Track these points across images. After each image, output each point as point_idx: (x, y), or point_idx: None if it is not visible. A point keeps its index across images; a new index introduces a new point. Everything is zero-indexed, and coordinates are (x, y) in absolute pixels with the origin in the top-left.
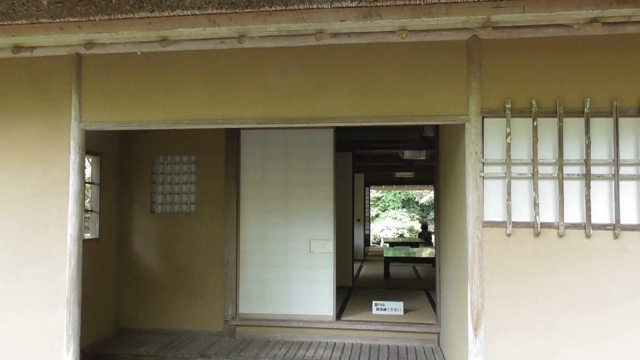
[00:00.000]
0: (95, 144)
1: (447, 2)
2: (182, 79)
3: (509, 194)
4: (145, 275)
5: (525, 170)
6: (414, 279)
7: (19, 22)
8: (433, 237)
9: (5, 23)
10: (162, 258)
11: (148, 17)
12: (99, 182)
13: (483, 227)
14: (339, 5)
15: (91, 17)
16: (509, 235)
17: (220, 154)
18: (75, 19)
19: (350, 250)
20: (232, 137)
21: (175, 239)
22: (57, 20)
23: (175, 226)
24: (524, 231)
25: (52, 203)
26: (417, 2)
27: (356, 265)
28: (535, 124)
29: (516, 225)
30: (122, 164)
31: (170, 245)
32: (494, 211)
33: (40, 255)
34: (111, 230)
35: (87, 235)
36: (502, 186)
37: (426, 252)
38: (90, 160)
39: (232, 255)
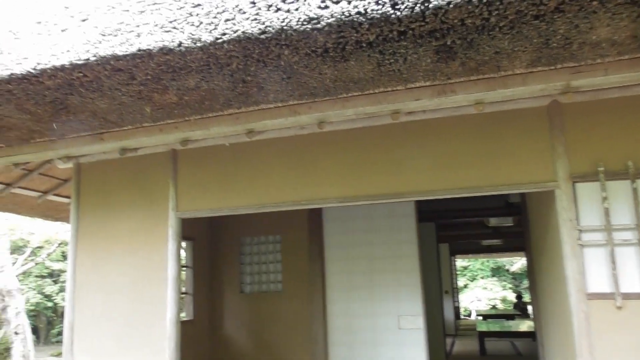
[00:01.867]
0: (188, 230)
1: (522, 73)
2: (266, 164)
3: (613, 262)
4: (237, 355)
5: (629, 236)
6: (514, 356)
7: (126, 128)
8: (530, 307)
9: (115, 130)
10: (252, 337)
11: (236, 113)
12: (192, 265)
13: (588, 299)
14: (413, 86)
15: (186, 118)
16: (619, 308)
17: (304, 231)
18: (172, 121)
19: (441, 325)
20: (315, 214)
21: (264, 317)
22: (158, 123)
23: (263, 305)
24: (637, 303)
25: (152, 289)
26: (491, 75)
27: (448, 341)
28: (634, 186)
29: (626, 296)
30: (212, 246)
31: (260, 324)
32: (598, 281)
33: (142, 339)
34: (204, 310)
35: (182, 317)
36: (604, 254)
37: (524, 326)
38: (184, 245)
39: (320, 333)
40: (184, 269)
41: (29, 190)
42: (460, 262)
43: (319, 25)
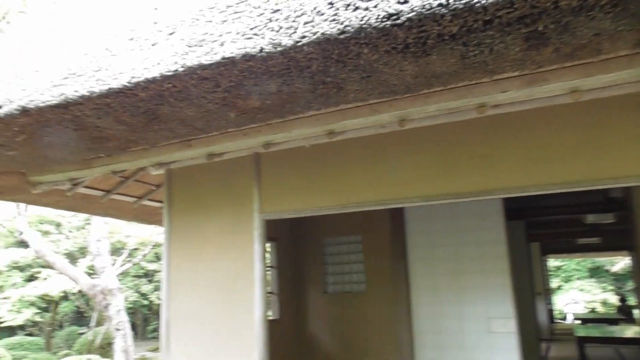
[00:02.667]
0: (272, 231)
1: (628, 55)
2: (347, 164)
3: None
4: (322, 355)
5: None
6: None
7: (212, 134)
8: (636, 311)
9: (202, 136)
10: (336, 337)
11: (316, 115)
12: (276, 266)
13: None
14: (500, 77)
15: (268, 122)
16: None
17: (385, 231)
18: (255, 125)
19: (534, 329)
20: (396, 214)
21: (348, 318)
22: (241, 128)
23: (347, 305)
24: None
25: (240, 288)
26: (589, 60)
27: (542, 346)
28: None
29: None
30: (295, 247)
31: (344, 324)
32: None
33: (233, 337)
34: (289, 310)
35: (269, 316)
36: None
37: (630, 331)
38: (268, 246)
39: (406, 335)
40: (269, 269)
41: (126, 196)
42: (552, 262)
43: (398, 21)
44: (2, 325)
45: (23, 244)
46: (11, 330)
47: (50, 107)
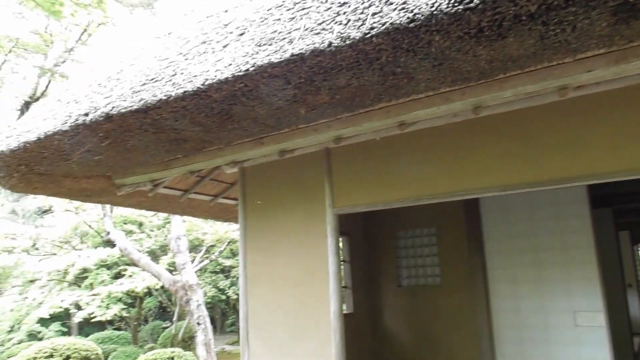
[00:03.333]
0: (344, 225)
1: None
2: (419, 156)
3: None
4: (397, 349)
5: None
6: None
7: (283, 131)
8: None
9: (274, 134)
10: (412, 331)
11: (386, 107)
12: (349, 260)
13: None
14: (584, 56)
15: (338, 116)
16: None
17: (460, 223)
18: (325, 120)
19: (626, 323)
20: (471, 205)
21: (424, 311)
22: (312, 124)
23: (422, 299)
24: None
25: (314, 282)
26: None
27: (635, 340)
28: None
29: None
30: (367, 240)
31: (419, 318)
32: None
33: (309, 330)
34: (363, 304)
35: (343, 310)
36: None
37: None
38: (341, 240)
39: (484, 329)
40: (342, 263)
41: (202, 195)
42: None
43: (471, 5)
44: (93, 320)
45: (109, 244)
46: (101, 325)
47: (131, 113)
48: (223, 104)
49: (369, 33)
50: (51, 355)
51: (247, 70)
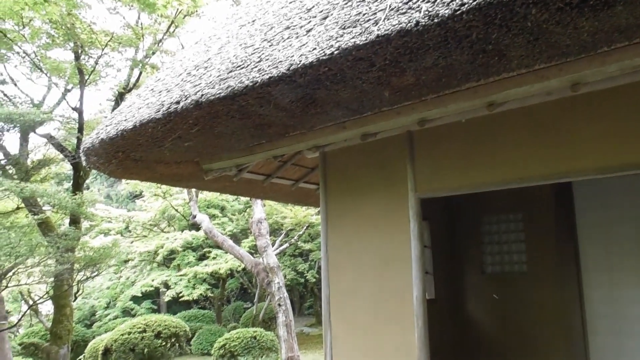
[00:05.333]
0: (425, 210)
1: None
2: (507, 138)
3: None
4: (480, 337)
5: None
6: None
7: (366, 114)
8: None
9: (356, 117)
10: (496, 319)
11: (474, 87)
12: (430, 245)
13: None
14: None
15: (423, 98)
16: None
17: (549, 208)
18: (409, 102)
19: None
20: (562, 189)
21: (508, 299)
22: (395, 106)
23: (507, 287)
24: None
25: (396, 267)
26: None
27: None
28: None
29: None
30: (449, 225)
31: (504, 306)
32: None
33: (391, 315)
34: (445, 290)
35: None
36: None
37: None
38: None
39: (575, 319)
40: (424, 249)
41: (284, 179)
42: None
43: None
44: (181, 299)
45: (194, 227)
46: (187, 304)
47: (219, 99)
48: (307, 88)
49: (459, 10)
50: (144, 331)
51: (332, 54)
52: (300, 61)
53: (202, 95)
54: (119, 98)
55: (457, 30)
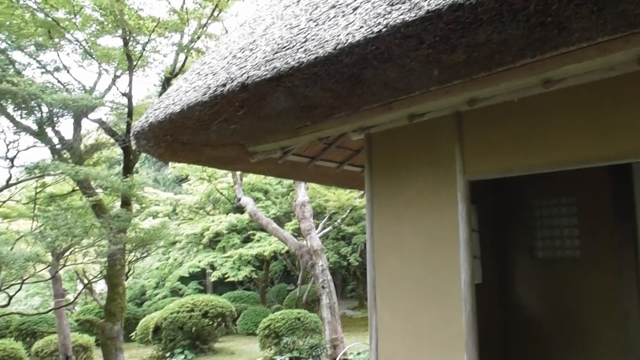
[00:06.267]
0: (473, 192)
1: None
2: (563, 117)
3: None
4: (530, 323)
5: None
6: None
7: (413, 94)
8: None
9: (403, 98)
10: (545, 306)
11: (529, 63)
12: (478, 229)
13: None
14: None
15: (474, 77)
16: None
17: (605, 192)
18: (459, 81)
19: None
20: (619, 171)
21: (560, 286)
22: (444, 85)
23: (558, 272)
24: None
25: (443, 251)
26: None
27: None
28: None
29: None
30: (498, 209)
31: (555, 292)
32: None
33: (438, 298)
34: (492, 275)
35: None
36: None
37: None
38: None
39: (634, 308)
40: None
41: (328, 162)
42: None
43: None
44: (226, 280)
45: (239, 210)
46: (232, 285)
47: (265, 81)
48: (353, 68)
49: None
50: (192, 310)
51: (379, 31)
52: (347, 40)
53: (248, 77)
54: (166, 83)
55: (513, 3)
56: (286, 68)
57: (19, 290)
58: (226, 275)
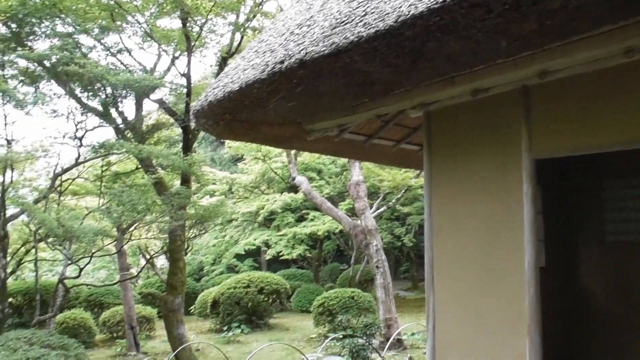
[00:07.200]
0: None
1: None
2: None
3: None
4: (598, 310)
5: None
6: None
7: (477, 68)
8: None
9: (467, 72)
10: (615, 293)
11: (610, 30)
12: (542, 210)
13: None
14: None
15: (545, 47)
16: None
17: None
18: (529, 53)
19: None
20: None
21: (629, 271)
22: (511, 58)
23: (631, 257)
24: None
25: (506, 232)
26: None
27: None
28: None
29: None
30: (564, 189)
31: (626, 278)
32: None
33: (498, 282)
34: (557, 258)
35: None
36: None
37: None
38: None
39: None
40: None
41: (385, 140)
42: None
43: None
44: (280, 258)
45: (292, 189)
46: (286, 263)
47: (323, 57)
48: (415, 41)
49: None
50: (248, 286)
51: (444, 2)
52: (409, 12)
53: (306, 53)
54: (223, 63)
55: None
56: (345, 43)
57: (88, 263)
58: (280, 254)
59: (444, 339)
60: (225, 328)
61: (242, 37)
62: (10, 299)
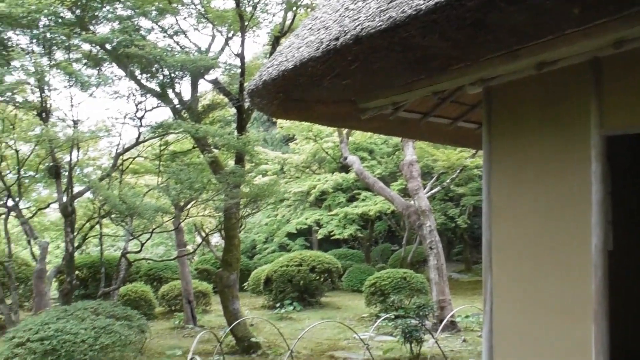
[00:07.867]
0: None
1: None
2: None
3: None
4: None
5: None
6: None
7: (544, 39)
8: None
9: (531, 44)
10: None
11: None
12: (610, 191)
13: None
14: None
15: (624, 13)
16: None
17: None
18: (603, 20)
19: None
20: None
21: None
22: (582, 27)
23: None
24: None
25: (569, 213)
26: None
27: None
28: None
29: None
30: (636, 168)
31: None
32: None
33: (560, 263)
34: (625, 242)
35: None
36: None
37: None
38: None
39: None
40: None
41: (441, 118)
42: None
43: None
44: (332, 238)
45: (344, 169)
46: (337, 243)
47: (380, 33)
48: (477, 12)
49: None
50: (300, 264)
51: None
52: None
53: (362, 29)
54: (275, 42)
55: None
56: (402, 17)
57: (148, 238)
58: (332, 233)
59: (501, 322)
60: (277, 305)
61: (294, 16)
62: (76, 272)
